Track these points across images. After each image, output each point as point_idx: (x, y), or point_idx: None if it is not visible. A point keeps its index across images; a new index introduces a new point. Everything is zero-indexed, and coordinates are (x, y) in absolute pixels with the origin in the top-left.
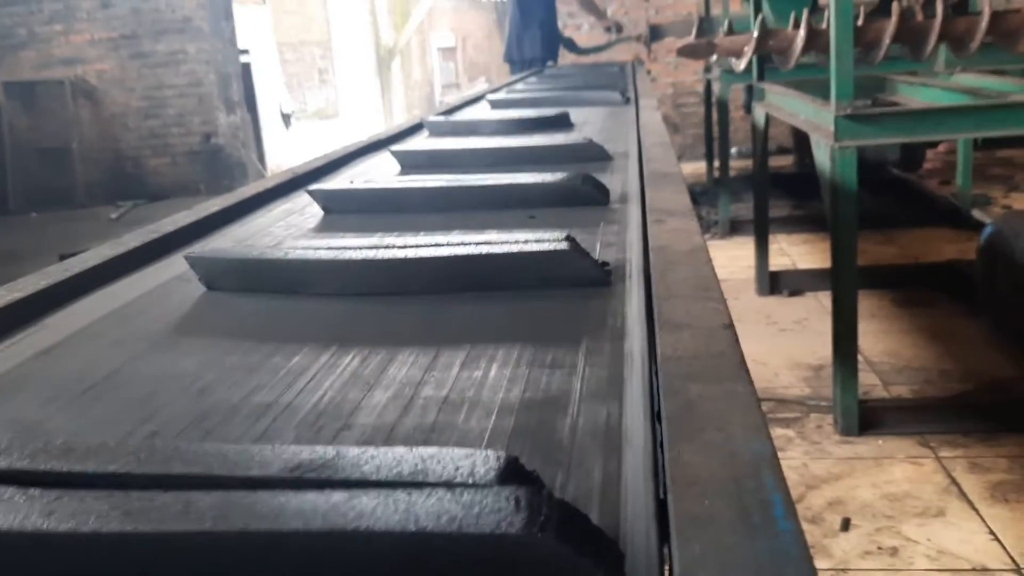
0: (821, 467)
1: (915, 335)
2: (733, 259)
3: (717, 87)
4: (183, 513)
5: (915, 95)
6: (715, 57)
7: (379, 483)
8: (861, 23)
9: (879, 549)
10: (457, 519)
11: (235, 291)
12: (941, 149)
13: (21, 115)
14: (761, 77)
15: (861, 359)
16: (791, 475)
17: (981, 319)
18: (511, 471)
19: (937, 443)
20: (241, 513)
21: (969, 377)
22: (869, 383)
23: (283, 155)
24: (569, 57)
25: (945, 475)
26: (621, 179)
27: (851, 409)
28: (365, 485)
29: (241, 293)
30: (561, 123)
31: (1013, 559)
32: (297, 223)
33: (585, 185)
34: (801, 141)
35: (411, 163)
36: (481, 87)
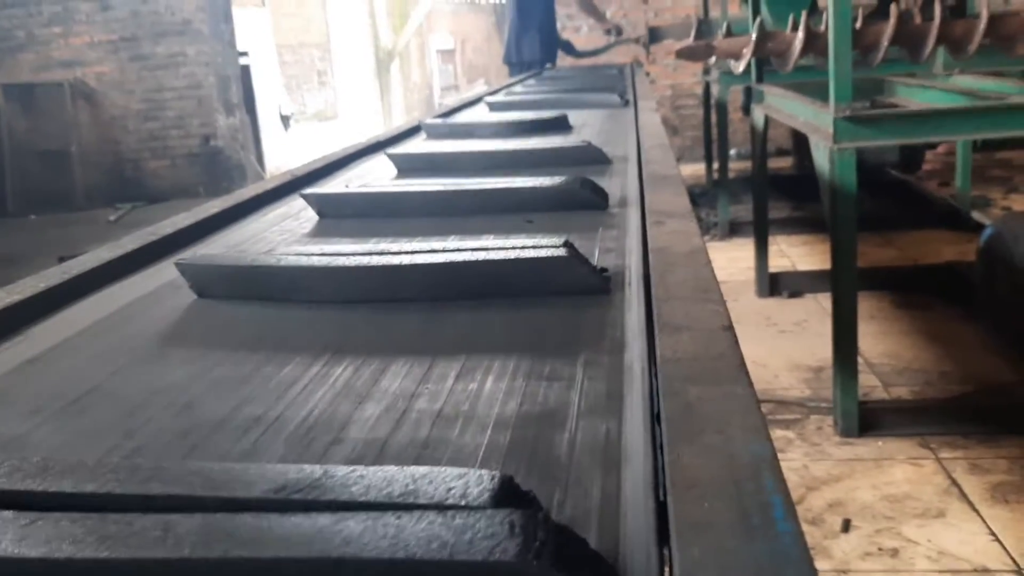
0: (821, 468)
1: (915, 337)
2: (732, 261)
3: (716, 89)
4: (161, 539)
5: (914, 97)
6: (714, 59)
7: (368, 504)
8: (859, 25)
9: (879, 550)
10: (448, 545)
11: (226, 298)
12: (940, 151)
13: (20, 117)
14: (760, 79)
15: (861, 361)
16: (791, 477)
17: (980, 321)
18: (506, 492)
19: (937, 444)
20: (222, 539)
21: (969, 379)
22: (869, 385)
23: (282, 157)
24: (568, 59)
25: (945, 476)
26: (620, 182)
27: (851, 410)
28: (353, 507)
29: (232, 301)
30: (559, 126)
31: (1014, 560)
32: (292, 228)
33: (583, 189)
34: (800, 143)
35: (408, 166)
36: (480, 89)
